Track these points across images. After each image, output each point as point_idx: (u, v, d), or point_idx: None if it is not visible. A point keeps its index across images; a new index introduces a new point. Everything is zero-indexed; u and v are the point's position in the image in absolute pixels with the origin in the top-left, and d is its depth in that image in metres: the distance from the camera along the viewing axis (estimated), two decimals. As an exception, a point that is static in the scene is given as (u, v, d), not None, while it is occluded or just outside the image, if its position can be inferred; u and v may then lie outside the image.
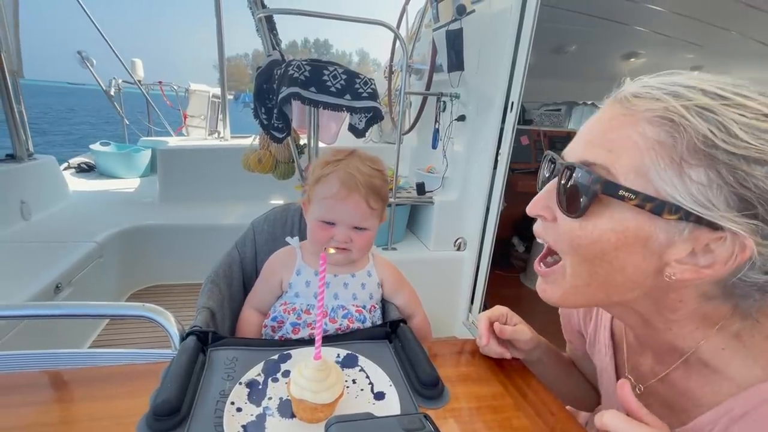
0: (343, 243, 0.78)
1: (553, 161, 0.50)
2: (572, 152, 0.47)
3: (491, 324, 0.71)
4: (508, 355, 0.71)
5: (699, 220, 0.39)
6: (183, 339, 0.66)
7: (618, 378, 0.64)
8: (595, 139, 0.45)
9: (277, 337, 0.80)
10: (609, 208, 0.43)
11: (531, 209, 0.51)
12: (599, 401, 0.76)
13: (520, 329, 0.70)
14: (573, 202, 0.45)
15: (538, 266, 0.53)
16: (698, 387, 0.50)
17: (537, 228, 0.52)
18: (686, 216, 0.39)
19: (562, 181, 0.46)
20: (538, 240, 0.52)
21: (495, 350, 0.70)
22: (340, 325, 0.78)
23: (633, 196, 0.40)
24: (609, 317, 0.67)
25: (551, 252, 0.52)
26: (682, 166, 0.39)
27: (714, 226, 0.39)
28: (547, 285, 0.52)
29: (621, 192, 0.41)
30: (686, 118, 0.39)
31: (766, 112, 0.38)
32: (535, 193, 0.52)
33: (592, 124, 0.47)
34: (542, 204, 0.49)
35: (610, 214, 0.43)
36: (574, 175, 0.44)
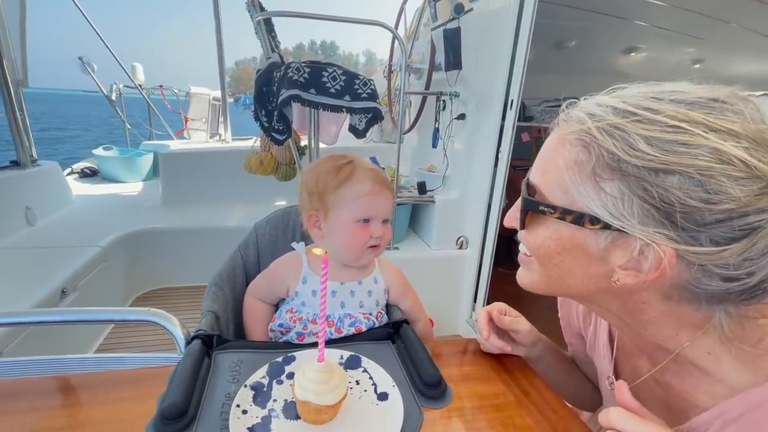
0: (379, 239, 0.79)
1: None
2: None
3: (490, 317, 0.72)
4: (509, 349, 0.72)
5: (620, 230, 0.42)
6: (188, 343, 0.67)
7: (617, 380, 0.64)
8: (539, 162, 0.51)
9: (281, 341, 0.80)
10: (545, 221, 0.49)
11: (506, 222, 0.57)
12: (601, 402, 0.76)
13: (518, 320, 0.73)
14: (520, 216, 0.52)
15: (521, 254, 0.58)
16: (693, 388, 0.51)
17: (518, 235, 0.58)
18: (606, 226, 0.43)
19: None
20: None
21: (496, 344, 0.71)
22: (347, 334, 0.78)
23: (553, 210, 0.47)
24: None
25: None
26: (596, 181, 0.43)
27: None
28: (523, 270, 0.58)
29: (541, 207, 0.48)
30: (595, 137, 0.42)
31: (672, 123, 0.39)
32: None
33: (542, 147, 0.52)
34: (513, 216, 0.55)
35: (546, 225, 0.49)
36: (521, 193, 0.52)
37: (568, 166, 0.45)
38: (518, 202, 0.53)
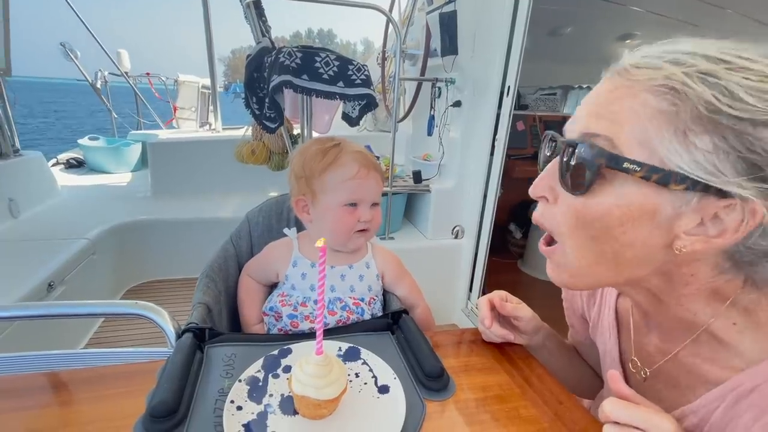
0: (368, 223, 0.78)
1: (554, 140, 0.49)
2: (574, 127, 0.46)
3: (492, 305, 0.70)
4: (511, 337, 0.70)
5: (707, 189, 0.38)
6: (179, 336, 0.64)
7: (621, 360, 0.63)
8: (598, 111, 0.43)
9: (276, 330, 0.78)
10: (613, 182, 0.42)
11: (534, 191, 0.49)
12: (601, 388, 0.75)
13: (520, 306, 0.71)
14: (576, 179, 0.43)
15: (542, 246, 0.52)
16: (705, 363, 0.49)
17: (536, 214, 0.50)
18: (693, 185, 0.38)
19: (565, 158, 0.45)
20: (539, 227, 0.51)
21: (498, 332, 0.69)
22: (340, 317, 0.76)
23: (638, 168, 0.39)
24: (614, 299, 0.65)
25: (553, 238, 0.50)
26: (686, 134, 0.38)
27: (722, 194, 0.38)
28: (555, 266, 0.50)
29: (626, 164, 0.40)
30: (688, 84, 0.37)
31: None
32: (533, 178, 0.50)
33: (591, 97, 0.45)
34: (544, 184, 0.48)
35: (614, 189, 0.42)
36: (577, 150, 0.43)
37: (651, 116, 0.39)
38: (553, 164, 0.46)
